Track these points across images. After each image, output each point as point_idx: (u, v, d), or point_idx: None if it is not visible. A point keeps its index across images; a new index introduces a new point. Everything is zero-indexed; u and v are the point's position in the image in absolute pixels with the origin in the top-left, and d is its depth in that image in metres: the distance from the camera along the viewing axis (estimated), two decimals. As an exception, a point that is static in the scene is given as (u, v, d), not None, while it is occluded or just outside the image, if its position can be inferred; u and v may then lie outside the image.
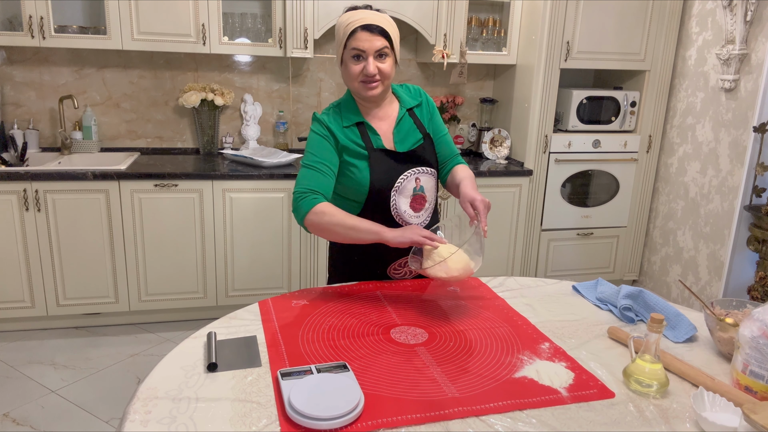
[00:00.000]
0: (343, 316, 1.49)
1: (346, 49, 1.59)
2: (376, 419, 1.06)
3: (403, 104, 1.74)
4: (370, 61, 1.57)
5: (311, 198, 1.57)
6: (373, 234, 1.50)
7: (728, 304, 1.44)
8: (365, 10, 1.62)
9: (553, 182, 3.49)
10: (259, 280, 3.17)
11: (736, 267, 3.08)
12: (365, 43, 1.56)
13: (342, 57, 1.62)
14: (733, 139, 3.05)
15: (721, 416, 1.08)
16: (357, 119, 1.67)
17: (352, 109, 1.69)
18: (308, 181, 1.60)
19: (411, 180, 1.68)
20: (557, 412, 1.11)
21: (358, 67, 1.59)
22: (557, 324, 1.49)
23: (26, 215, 2.83)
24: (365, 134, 1.67)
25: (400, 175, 1.66)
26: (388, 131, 1.71)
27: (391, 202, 1.67)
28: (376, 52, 1.57)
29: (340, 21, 1.62)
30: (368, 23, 1.56)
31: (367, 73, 1.58)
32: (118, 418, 2.37)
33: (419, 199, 1.71)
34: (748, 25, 2.91)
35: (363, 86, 1.61)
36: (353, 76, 1.60)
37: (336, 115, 1.68)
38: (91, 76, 3.32)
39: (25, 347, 2.89)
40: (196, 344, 1.32)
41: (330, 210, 1.55)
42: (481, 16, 3.60)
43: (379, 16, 1.60)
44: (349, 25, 1.57)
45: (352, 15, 1.60)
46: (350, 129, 1.67)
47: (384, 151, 1.67)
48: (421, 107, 1.78)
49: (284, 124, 3.54)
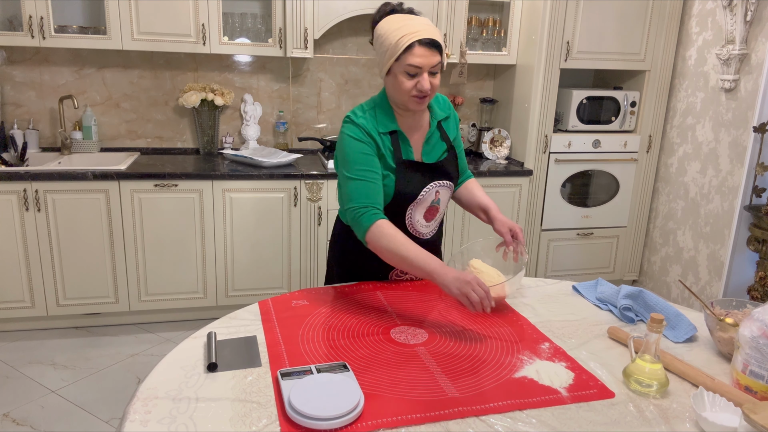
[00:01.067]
0: (343, 316, 1.49)
1: (399, 62, 1.51)
2: (376, 419, 1.06)
3: (434, 116, 1.70)
4: (425, 77, 1.52)
5: (371, 213, 1.51)
6: (424, 274, 1.43)
7: (728, 304, 1.44)
8: (413, 17, 1.53)
9: (553, 182, 3.49)
10: (259, 280, 3.17)
11: (736, 267, 3.08)
12: (422, 59, 1.49)
13: (391, 68, 1.54)
14: (733, 139, 3.05)
15: (721, 416, 1.08)
16: (393, 127, 1.62)
17: (389, 116, 1.62)
18: (363, 195, 1.53)
19: (432, 193, 1.67)
20: (557, 412, 1.11)
21: (411, 83, 1.53)
22: (557, 324, 1.49)
23: (26, 215, 2.83)
24: (396, 143, 1.62)
25: (423, 188, 1.65)
26: (418, 141, 1.68)
27: (408, 212, 1.67)
28: (430, 68, 1.52)
29: (386, 28, 1.52)
30: (426, 38, 1.49)
31: (421, 90, 1.53)
32: (118, 418, 2.37)
33: (433, 210, 1.72)
34: (748, 25, 2.91)
35: (414, 101, 1.56)
36: (405, 90, 1.54)
37: (372, 119, 1.61)
38: (91, 76, 3.32)
39: (25, 347, 2.89)
40: (196, 344, 1.32)
41: (388, 231, 1.48)
42: (481, 16, 3.60)
43: (430, 26, 1.52)
44: (403, 38, 1.48)
45: (402, 24, 1.50)
46: (386, 136, 1.61)
47: (412, 163, 1.64)
48: (449, 120, 1.76)
49: (284, 124, 3.54)
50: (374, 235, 1.48)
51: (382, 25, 1.55)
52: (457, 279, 1.37)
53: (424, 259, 1.42)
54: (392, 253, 1.46)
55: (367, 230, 1.50)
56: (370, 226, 1.49)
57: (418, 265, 1.43)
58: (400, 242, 1.46)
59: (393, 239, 1.46)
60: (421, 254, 1.44)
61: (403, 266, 1.47)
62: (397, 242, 1.46)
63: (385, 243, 1.47)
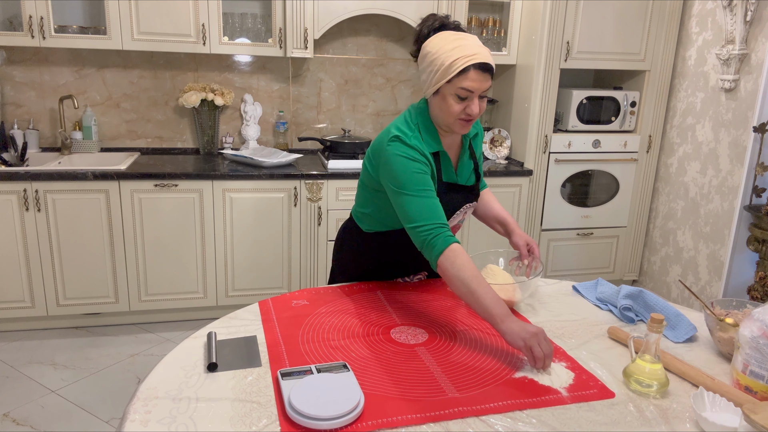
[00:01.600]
0: (343, 316, 1.49)
1: (451, 84, 1.44)
2: (376, 419, 1.06)
3: (467, 134, 1.65)
4: (475, 102, 1.47)
5: (445, 234, 1.42)
6: (488, 317, 1.32)
7: (728, 304, 1.44)
8: (466, 36, 1.47)
9: (553, 182, 3.49)
10: (259, 280, 3.17)
11: (736, 267, 3.08)
12: (476, 84, 1.44)
13: (440, 88, 1.47)
14: (733, 139, 3.05)
15: (721, 416, 1.08)
16: (437, 148, 1.56)
17: (433, 136, 1.56)
18: (429, 213, 1.44)
19: (461, 214, 1.67)
20: (557, 412, 1.11)
21: (461, 106, 1.47)
22: (557, 324, 1.49)
23: (26, 215, 2.83)
24: (438, 163, 1.57)
25: (457, 209, 1.63)
26: (455, 160, 1.64)
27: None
28: (482, 92, 1.47)
29: (441, 47, 1.45)
30: (482, 62, 1.43)
31: (470, 113, 1.48)
32: (118, 418, 2.37)
33: (455, 228, 1.72)
34: (748, 25, 2.91)
35: (459, 123, 1.50)
36: (453, 113, 1.48)
37: (418, 140, 1.52)
38: (91, 76, 3.32)
39: (25, 347, 2.89)
40: (196, 344, 1.32)
41: (462, 260, 1.38)
42: (481, 16, 3.60)
43: (483, 47, 1.46)
44: (459, 60, 1.42)
45: (458, 45, 1.44)
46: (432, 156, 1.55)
47: (452, 185, 1.60)
48: (478, 137, 1.73)
49: (284, 124, 3.54)
50: (448, 260, 1.38)
51: (434, 42, 1.47)
52: (524, 330, 1.27)
53: (492, 302, 1.32)
54: (462, 284, 1.36)
55: (441, 254, 1.40)
56: (444, 250, 1.39)
57: (485, 306, 1.32)
58: (472, 275, 1.36)
59: (466, 270, 1.37)
60: (490, 294, 1.34)
61: (468, 300, 1.36)
62: (469, 274, 1.36)
63: (456, 272, 1.37)
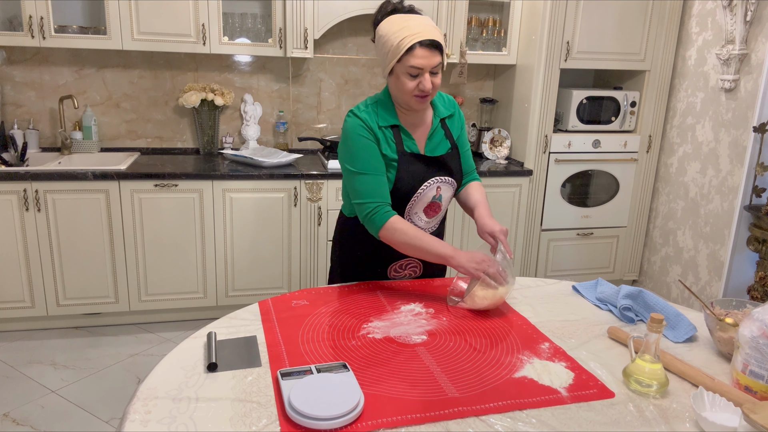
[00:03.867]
0: (343, 316, 1.49)
1: (401, 63, 1.53)
2: (376, 419, 1.06)
3: (437, 113, 1.72)
4: (427, 78, 1.54)
5: (383, 212, 1.60)
6: (442, 259, 1.55)
7: (728, 304, 1.44)
8: (414, 17, 1.54)
9: (553, 182, 3.49)
10: (259, 280, 3.17)
11: (736, 267, 3.08)
12: (422, 61, 1.52)
13: (393, 68, 1.56)
14: (733, 139, 3.05)
15: (721, 416, 1.08)
16: (393, 121, 1.65)
17: (390, 112, 1.65)
18: (373, 191, 1.60)
19: (433, 188, 1.68)
20: (557, 412, 1.11)
21: (414, 84, 1.55)
22: (557, 324, 1.50)
23: (26, 215, 2.83)
24: (399, 137, 1.65)
25: (423, 182, 1.66)
26: (422, 137, 1.70)
27: (408, 206, 1.68)
28: (432, 68, 1.54)
29: (388, 29, 1.54)
30: (427, 39, 1.51)
31: (423, 89, 1.56)
32: (118, 418, 2.37)
33: (435, 206, 1.72)
34: (748, 25, 2.91)
35: (416, 100, 1.59)
36: (407, 90, 1.56)
37: (373, 113, 1.64)
38: (91, 76, 3.32)
39: (25, 347, 2.89)
40: (196, 344, 1.32)
41: (401, 227, 1.58)
42: (481, 16, 3.60)
43: (431, 26, 1.54)
44: (404, 40, 1.50)
45: (403, 25, 1.52)
46: (387, 129, 1.64)
47: (414, 156, 1.66)
48: (453, 118, 1.77)
49: (284, 124, 3.54)
50: (388, 232, 1.59)
51: (383, 26, 1.57)
52: (472, 259, 1.51)
53: (438, 246, 1.56)
54: (407, 245, 1.58)
55: (381, 229, 1.59)
56: (383, 225, 1.59)
57: (434, 252, 1.56)
58: (412, 235, 1.57)
59: (406, 234, 1.57)
60: (434, 242, 1.57)
61: (419, 255, 1.58)
62: (410, 235, 1.57)
63: (399, 237, 1.58)
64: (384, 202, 1.61)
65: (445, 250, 1.55)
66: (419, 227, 1.72)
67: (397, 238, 1.58)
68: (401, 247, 1.59)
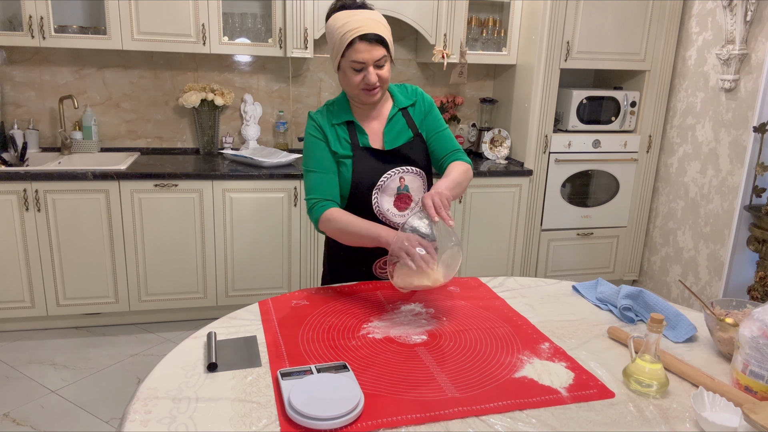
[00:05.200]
0: (343, 316, 1.49)
1: (345, 58, 1.56)
2: (376, 419, 1.06)
3: (396, 103, 1.73)
4: (370, 71, 1.56)
5: (319, 206, 1.63)
6: (370, 239, 1.52)
7: (728, 304, 1.44)
8: (358, 12, 1.56)
9: (553, 182, 3.49)
10: (259, 280, 3.17)
11: (736, 267, 3.08)
12: (364, 55, 1.54)
13: (339, 64, 1.59)
14: (733, 139, 3.05)
15: (721, 416, 1.08)
16: (347, 118, 1.68)
17: (344, 108, 1.69)
18: (316, 187, 1.64)
19: (395, 179, 1.67)
20: (557, 412, 1.11)
21: (359, 77, 1.58)
22: (557, 324, 1.49)
23: (26, 215, 2.83)
24: (353, 132, 1.67)
25: (382, 174, 1.66)
26: (378, 130, 1.71)
27: (373, 200, 1.67)
28: (375, 62, 1.56)
29: (332, 25, 1.57)
30: (365, 33, 1.53)
31: (368, 83, 1.58)
32: (118, 418, 2.37)
33: (404, 198, 1.70)
34: (748, 25, 2.91)
35: (364, 94, 1.61)
36: (353, 85, 1.59)
37: (329, 113, 1.69)
38: (91, 76, 3.32)
39: (25, 347, 2.88)
40: (196, 344, 1.32)
41: (335, 216, 1.59)
42: (481, 16, 3.60)
43: (373, 20, 1.55)
44: (345, 35, 1.53)
45: (346, 21, 1.55)
46: (340, 127, 1.67)
47: (368, 150, 1.67)
48: (415, 106, 1.75)
49: (284, 124, 3.54)
50: (324, 224, 1.61)
51: (330, 22, 1.60)
52: (399, 238, 1.41)
53: (371, 228, 1.52)
54: (343, 233, 1.58)
55: (318, 221, 1.62)
56: (319, 218, 1.62)
57: (368, 235, 1.52)
58: (346, 221, 1.57)
59: (339, 222, 1.58)
60: (367, 224, 1.54)
61: (356, 241, 1.57)
62: (344, 222, 1.57)
63: (334, 227, 1.59)
64: (324, 198, 1.63)
65: (377, 230, 1.50)
66: (392, 221, 1.69)
67: (332, 227, 1.59)
68: (338, 236, 1.60)
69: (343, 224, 1.58)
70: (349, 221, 1.57)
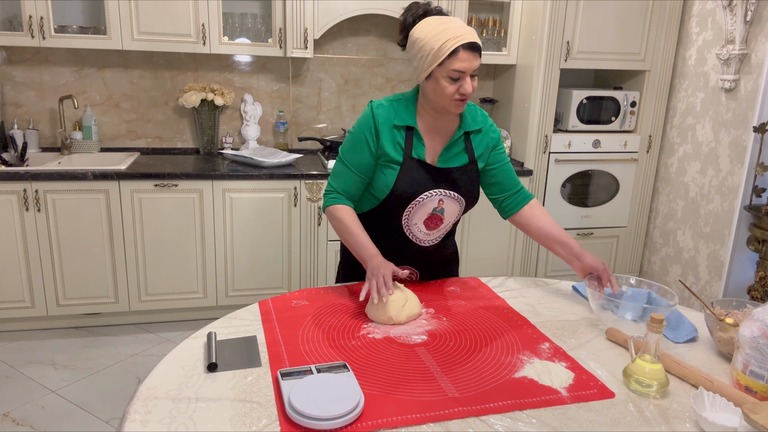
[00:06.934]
0: (343, 316, 1.49)
1: (442, 67, 1.49)
2: (376, 419, 1.06)
3: (463, 125, 1.65)
4: (467, 81, 1.51)
5: (333, 196, 1.65)
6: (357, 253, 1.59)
7: (728, 304, 1.44)
8: (451, 19, 1.52)
9: (553, 182, 3.49)
10: (259, 280, 3.17)
11: (736, 267, 3.08)
12: (465, 64, 1.48)
13: (432, 72, 1.51)
14: (733, 139, 3.05)
15: (721, 416, 1.08)
16: (410, 123, 1.60)
17: (410, 111, 1.61)
18: (340, 181, 1.65)
19: (434, 199, 1.62)
20: (557, 412, 1.11)
21: (454, 87, 1.51)
22: (557, 324, 1.49)
23: (26, 215, 2.83)
24: (410, 139, 1.60)
25: (424, 191, 1.60)
26: (437, 146, 1.64)
27: (405, 213, 1.63)
28: (473, 71, 1.52)
29: (428, 32, 1.49)
30: (469, 42, 1.48)
31: (464, 93, 1.52)
32: (118, 418, 2.37)
33: (436, 219, 1.66)
34: (748, 25, 2.91)
35: (455, 104, 1.55)
36: (447, 95, 1.52)
37: (392, 109, 1.61)
38: (91, 76, 3.32)
39: (25, 347, 2.88)
40: (196, 344, 1.32)
41: (340, 214, 1.62)
42: (481, 16, 3.60)
43: (467, 28, 1.51)
44: (447, 43, 1.46)
45: (444, 28, 1.48)
46: (400, 129, 1.60)
47: (420, 162, 1.60)
48: (481, 134, 1.68)
49: (284, 124, 3.54)
50: (329, 215, 1.65)
51: (420, 28, 1.52)
52: (375, 267, 1.49)
53: (361, 244, 1.58)
54: (340, 232, 1.64)
55: (326, 209, 1.67)
56: (328, 207, 1.66)
57: (356, 248, 1.59)
58: (345, 226, 1.61)
59: (341, 223, 1.62)
60: (360, 241, 1.58)
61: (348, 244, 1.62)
62: (344, 225, 1.61)
63: (335, 224, 1.64)
64: (341, 192, 1.65)
65: (363, 252, 1.56)
66: (418, 237, 1.68)
67: (333, 224, 1.64)
68: (336, 230, 1.65)
69: (343, 225, 1.61)
70: (348, 226, 1.60)
